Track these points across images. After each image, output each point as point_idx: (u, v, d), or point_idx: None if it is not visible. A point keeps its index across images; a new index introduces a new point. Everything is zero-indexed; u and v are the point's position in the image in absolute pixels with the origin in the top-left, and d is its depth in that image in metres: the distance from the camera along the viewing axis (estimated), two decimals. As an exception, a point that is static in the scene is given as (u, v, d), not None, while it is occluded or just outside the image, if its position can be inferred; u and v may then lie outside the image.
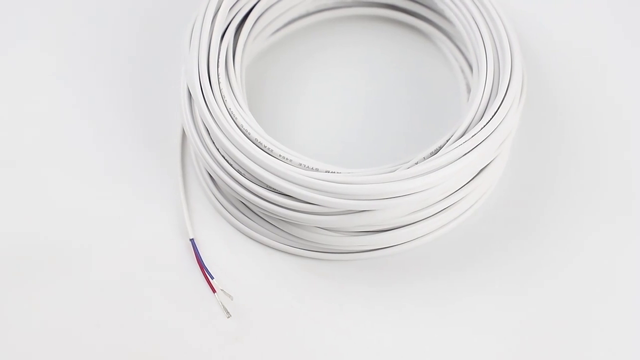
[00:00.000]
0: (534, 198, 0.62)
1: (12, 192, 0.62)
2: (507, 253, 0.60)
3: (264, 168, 0.56)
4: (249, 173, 0.57)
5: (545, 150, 0.64)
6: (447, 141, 0.57)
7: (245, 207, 0.60)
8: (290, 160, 0.57)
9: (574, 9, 0.71)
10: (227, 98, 0.58)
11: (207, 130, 0.58)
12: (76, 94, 0.66)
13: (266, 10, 0.65)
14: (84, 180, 0.62)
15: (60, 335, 0.57)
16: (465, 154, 0.56)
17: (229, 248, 0.60)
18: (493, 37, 0.61)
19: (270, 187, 0.57)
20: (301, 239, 0.59)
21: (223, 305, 0.57)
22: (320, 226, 0.58)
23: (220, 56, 0.60)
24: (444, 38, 0.67)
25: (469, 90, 0.65)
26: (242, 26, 0.63)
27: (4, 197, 0.61)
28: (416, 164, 0.57)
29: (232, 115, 0.58)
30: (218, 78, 0.59)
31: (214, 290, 0.58)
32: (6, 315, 0.57)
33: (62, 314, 0.57)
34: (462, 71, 0.66)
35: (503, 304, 0.58)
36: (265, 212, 0.58)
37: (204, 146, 0.59)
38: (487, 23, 0.61)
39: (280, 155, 0.57)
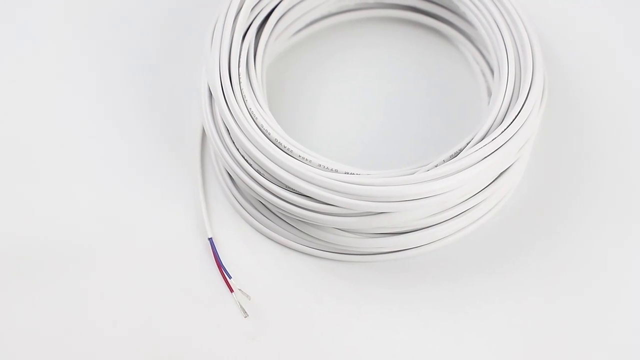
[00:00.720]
0: (554, 202, 0.62)
1: (28, 191, 0.62)
2: (526, 257, 0.60)
3: (283, 168, 0.56)
4: (268, 173, 0.57)
5: (566, 153, 0.63)
6: (468, 144, 0.57)
7: (264, 207, 0.60)
8: (310, 161, 0.57)
9: (597, 11, 0.70)
10: (247, 98, 0.59)
11: (227, 130, 0.58)
12: (99, 93, 0.66)
13: (288, 10, 0.65)
14: (102, 179, 0.62)
15: (65, 335, 0.57)
16: (486, 157, 0.56)
17: (247, 248, 0.60)
18: (515, 41, 0.61)
19: (289, 188, 0.57)
20: (319, 239, 0.59)
21: (240, 305, 0.57)
22: (339, 227, 0.58)
23: (241, 56, 0.60)
24: (465, 41, 0.67)
25: (489, 94, 0.65)
26: (264, 26, 0.63)
27: (18, 196, 0.62)
28: (436, 166, 0.56)
29: (252, 115, 0.58)
30: (239, 78, 0.59)
31: (231, 290, 0.58)
32: (10, 315, 0.57)
33: (75, 314, 0.57)
34: (483, 74, 0.66)
35: (522, 307, 0.58)
36: (284, 212, 0.58)
37: (223, 146, 0.59)
38: (508, 26, 0.61)
39: (299, 156, 0.57)
